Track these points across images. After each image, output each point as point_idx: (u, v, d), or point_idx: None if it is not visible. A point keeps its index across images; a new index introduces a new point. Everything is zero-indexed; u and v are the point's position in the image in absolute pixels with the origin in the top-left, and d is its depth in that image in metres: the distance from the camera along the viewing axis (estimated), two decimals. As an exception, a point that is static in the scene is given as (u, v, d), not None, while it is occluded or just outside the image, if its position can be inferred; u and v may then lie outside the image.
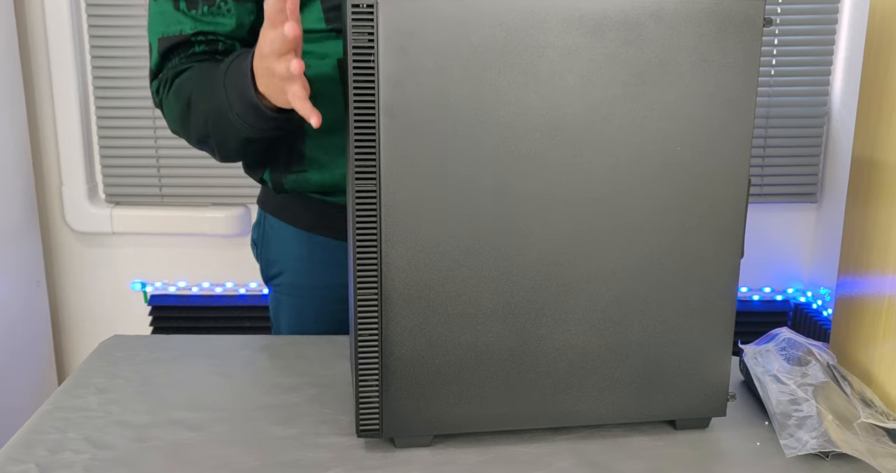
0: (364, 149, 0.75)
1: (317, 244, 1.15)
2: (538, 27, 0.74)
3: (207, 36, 1.00)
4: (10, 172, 1.96)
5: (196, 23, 1.00)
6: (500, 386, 0.82)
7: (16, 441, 0.84)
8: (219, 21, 1.00)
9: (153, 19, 1.02)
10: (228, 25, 1.00)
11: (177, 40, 1.00)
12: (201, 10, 0.99)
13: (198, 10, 0.99)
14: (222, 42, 1.01)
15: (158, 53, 1.02)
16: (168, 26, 1.00)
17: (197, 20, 0.99)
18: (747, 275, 1.85)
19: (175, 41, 1.00)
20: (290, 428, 0.87)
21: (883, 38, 0.93)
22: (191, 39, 1.00)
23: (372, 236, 0.77)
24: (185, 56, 1.01)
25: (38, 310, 2.10)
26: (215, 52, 1.01)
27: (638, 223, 0.80)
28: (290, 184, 1.09)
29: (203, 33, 1.00)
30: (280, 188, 1.10)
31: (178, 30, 1.00)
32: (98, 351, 1.06)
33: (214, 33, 1.00)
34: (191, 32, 1.00)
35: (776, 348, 0.95)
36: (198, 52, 1.01)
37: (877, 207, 0.93)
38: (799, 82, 2.12)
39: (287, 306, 1.20)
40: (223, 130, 0.95)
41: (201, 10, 0.99)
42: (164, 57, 1.02)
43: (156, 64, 1.03)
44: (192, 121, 0.99)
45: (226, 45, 1.01)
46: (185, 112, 0.99)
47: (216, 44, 1.01)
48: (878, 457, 0.80)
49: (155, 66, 1.03)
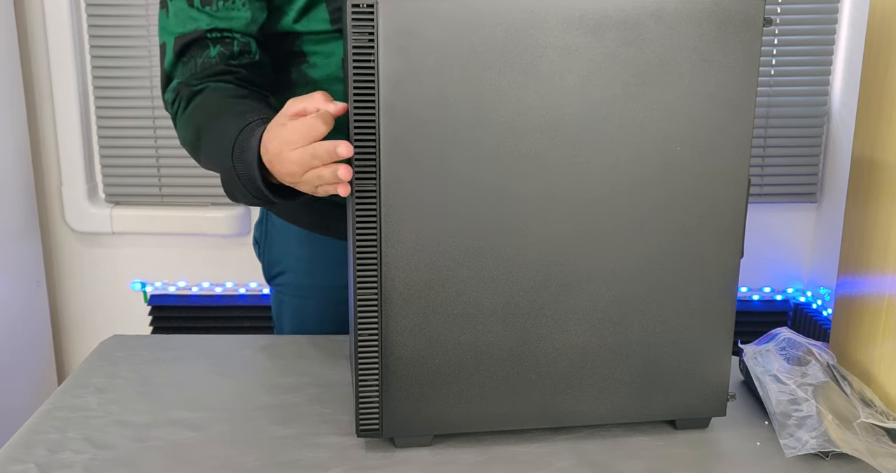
0: (364, 148, 0.75)
1: (319, 244, 1.15)
2: (538, 27, 0.74)
3: (223, 33, 1.00)
4: (9, 172, 1.96)
5: (211, 19, 0.99)
6: (500, 386, 0.82)
7: (16, 441, 0.84)
8: (234, 16, 0.99)
9: (168, 21, 1.01)
10: (243, 20, 1.00)
11: (192, 37, 1.00)
12: (216, 5, 0.99)
13: (213, 6, 0.99)
14: (237, 40, 1.01)
15: (174, 52, 1.01)
16: (184, 25, 1.00)
17: (212, 16, 0.99)
18: (747, 275, 1.85)
19: (191, 38, 1.00)
20: (289, 428, 0.87)
21: (883, 37, 0.93)
22: (206, 36, 1.00)
23: (372, 236, 0.77)
24: (200, 59, 1.01)
25: (37, 310, 2.10)
26: (230, 56, 1.01)
27: (638, 223, 0.80)
28: None
29: (218, 30, 1.00)
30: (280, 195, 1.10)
31: (194, 26, 1.00)
32: (98, 351, 1.06)
33: (230, 30, 1.00)
34: (206, 28, 1.00)
35: (776, 348, 0.95)
36: (213, 56, 1.01)
37: (877, 207, 0.93)
38: (799, 82, 2.12)
39: (289, 306, 1.20)
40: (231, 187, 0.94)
41: (216, 6, 0.99)
42: (178, 56, 1.01)
43: (170, 64, 1.02)
44: (203, 159, 0.99)
45: (241, 43, 1.01)
46: (195, 143, 0.99)
47: (231, 44, 1.01)
48: (877, 457, 0.80)
49: (168, 68, 1.03)
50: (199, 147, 0.98)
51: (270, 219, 1.20)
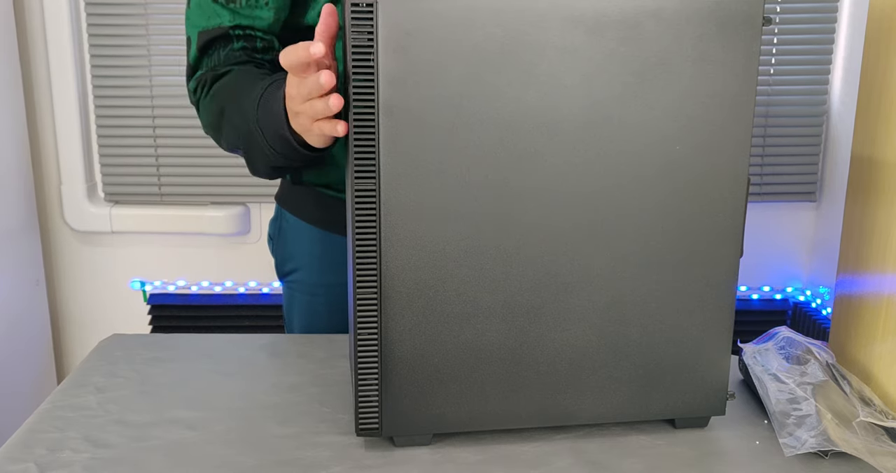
0: (364, 148, 0.75)
1: (331, 242, 1.15)
2: (538, 26, 0.74)
3: (245, 30, 0.99)
4: (9, 171, 1.96)
5: (234, 15, 0.99)
6: (500, 385, 0.82)
7: (15, 440, 0.84)
8: (257, 14, 0.99)
9: (192, 13, 1.01)
10: (267, 19, 0.99)
11: (215, 33, 0.99)
12: (240, 2, 0.98)
13: (237, 3, 0.98)
14: (260, 38, 1.00)
15: (197, 48, 1.01)
16: (207, 19, 0.99)
17: (235, 13, 0.98)
18: (746, 274, 1.85)
19: (214, 34, 0.99)
20: (289, 427, 0.87)
21: (882, 36, 0.93)
22: (229, 33, 0.99)
23: (371, 235, 0.77)
24: (224, 52, 1.00)
25: (37, 309, 2.10)
26: (254, 50, 1.00)
27: (637, 222, 0.80)
28: (308, 177, 1.09)
29: (241, 27, 0.99)
30: (298, 180, 1.10)
31: (217, 22, 0.99)
32: (97, 350, 1.06)
33: (252, 28, 0.99)
34: (229, 25, 0.99)
35: (775, 347, 0.95)
36: (236, 49, 1.00)
37: (876, 206, 0.93)
38: (798, 81, 2.12)
39: (300, 303, 1.20)
40: (254, 153, 0.94)
41: (240, 3, 0.98)
42: (202, 51, 1.01)
43: (194, 58, 1.02)
44: (226, 133, 0.98)
45: (264, 41, 1.01)
46: (218, 121, 0.98)
47: (254, 40, 1.00)
48: (877, 456, 0.80)
49: (193, 61, 1.02)
50: (222, 121, 0.98)
51: (284, 217, 1.20)
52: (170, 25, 2.05)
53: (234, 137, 0.97)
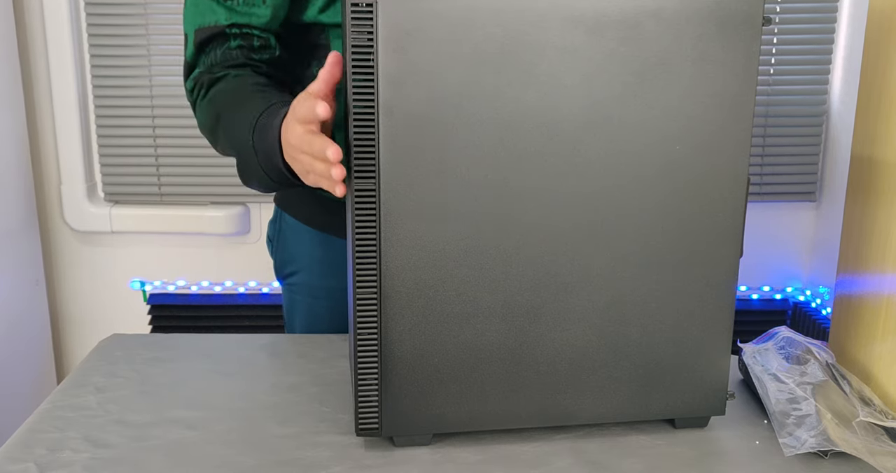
0: (363, 148, 0.75)
1: (331, 245, 1.15)
2: (537, 26, 0.74)
3: (242, 28, 0.99)
4: (9, 171, 1.96)
5: (231, 13, 0.98)
6: (500, 385, 0.82)
7: (15, 440, 0.84)
8: (254, 12, 0.98)
9: (189, 10, 1.00)
10: (264, 17, 0.99)
11: (212, 31, 0.99)
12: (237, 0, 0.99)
13: (233, 0, 0.98)
14: (257, 36, 1.00)
15: (194, 45, 1.01)
16: (203, 17, 0.99)
17: (231, 10, 0.98)
18: (746, 274, 1.85)
19: (210, 32, 0.99)
20: (289, 427, 0.87)
21: (882, 36, 0.93)
22: (225, 31, 0.99)
23: (371, 235, 0.77)
24: (221, 51, 1.00)
25: (37, 309, 2.10)
26: (251, 49, 1.00)
27: (637, 222, 0.80)
28: None
29: (238, 25, 0.99)
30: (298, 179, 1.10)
31: (213, 20, 0.99)
32: (97, 350, 1.06)
33: (249, 26, 0.99)
34: (225, 23, 0.98)
35: (775, 347, 0.95)
36: (233, 48, 1.00)
37: (876, 206, 0.93)
38: (798, 81, 2.12)
39: (301, 305, 1.20)
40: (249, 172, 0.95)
41: (237, 1, 0.98)
42: (199, 49, 1.01)
43: (191, 56, 1.02)
44: (220, 142, 0.99)
45: (261, 39, 1.00)
46: (214, 127, 0.99)
47: (251, 38, 1.00)
48: (876, 456, 0.80)
49: (190, 58, 1.02)
50: (218, 129, 0.98)
51: (284, 219, 1.20)
52: (169, 25, 2.04)
53: (228, 149, 0.98)
